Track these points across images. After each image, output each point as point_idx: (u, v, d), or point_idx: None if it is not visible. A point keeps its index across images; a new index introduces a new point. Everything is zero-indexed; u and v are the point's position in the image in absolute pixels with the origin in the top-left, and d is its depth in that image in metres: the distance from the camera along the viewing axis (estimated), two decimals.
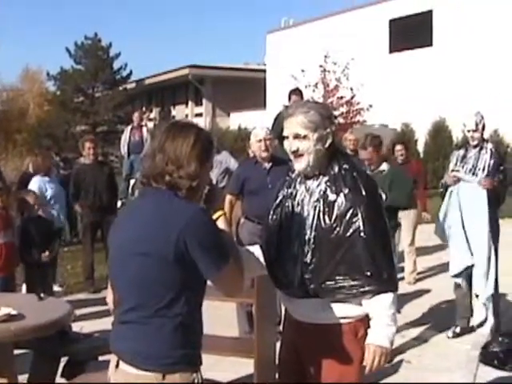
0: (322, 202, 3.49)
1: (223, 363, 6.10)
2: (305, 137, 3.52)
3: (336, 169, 3.53)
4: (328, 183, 3.51)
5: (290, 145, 3.58)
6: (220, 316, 7.44)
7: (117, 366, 3.07)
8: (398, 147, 10.63)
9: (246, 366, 5.66)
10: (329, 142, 3.54)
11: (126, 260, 3.03)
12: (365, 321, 3.54)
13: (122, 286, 3.11)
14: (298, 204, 3.59)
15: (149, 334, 2.97)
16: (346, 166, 3.53)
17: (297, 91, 11.15)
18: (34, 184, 9.27)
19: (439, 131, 23.74)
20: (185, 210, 2.98)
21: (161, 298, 2.96)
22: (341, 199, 3.44)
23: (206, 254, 2.95)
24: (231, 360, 5.95)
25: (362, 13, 27.81)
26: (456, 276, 7.42)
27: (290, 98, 11.01)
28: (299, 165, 3.56)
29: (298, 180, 3.65)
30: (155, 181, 3.06)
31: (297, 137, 3.54)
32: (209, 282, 3.07)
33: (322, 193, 3.51)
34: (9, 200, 7.83)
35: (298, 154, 3.54)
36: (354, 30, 27.02)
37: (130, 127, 17.50)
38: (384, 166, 7.64)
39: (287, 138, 3.60)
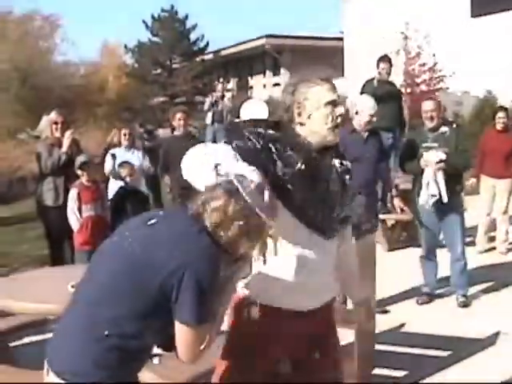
0: None
1: None
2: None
3: None
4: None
5: (339, 111, 3.28)
6: None
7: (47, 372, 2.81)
8: (500, 114, 10.15)
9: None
10: None
11: (118, 253, 2.82)
12: None
13: (98, 272, 2.85)
14: None
15: (81, 348, 2.71)
16: None
17: (385, 58, 10.99)
18: (121, 156, 9.38)
19: None
20: (202, 248, 2.74)
21: (123, 312, 2.71)
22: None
23: (193, 299, 2.68)
24: None
25: None
26: None
27: (378, 66, 10.85)
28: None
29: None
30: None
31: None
32: None
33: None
34: (93, 173, 7.94)
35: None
36: None
37: (213, 97, 17.64)
38: (444, 128, 7.57)
39: (335, 104, 3.29)
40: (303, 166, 3.15)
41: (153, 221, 2.84)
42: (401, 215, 10.26)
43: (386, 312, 7.36)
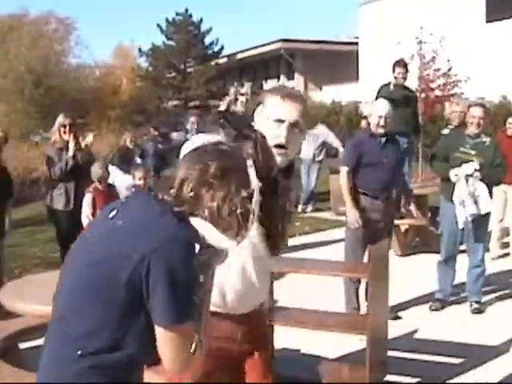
0: None
1: (327, 339, 6.04)
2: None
3: None
4: None
5: (283, 131, 3.06)
6: (324, 291, 7.44)
7: None
8: (511, 119, 10.19)
9: (350, 343, 5.62)
10: None
11: (78, 258, 2.47)
12: None
13: (63, 287, 2.51)
14: None
15: (56, 364, 2.39)
16: None
17: (401, 62, 10.93)
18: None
19: None
20: (166, 229, 2.31)
21: (93, 321, 2.34)
22: None
23: (167, 295, 2.27)
24: (334, 336, 5.85)
25: None
26: None
27: (394, 70, 10.79)
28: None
29: None
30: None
31: (295, 125, 3.11)
32: None
33: None
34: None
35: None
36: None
37: (226, 101, 17.59)
38: (485, 138, 7.53)
39: (281, 121, 3.07)
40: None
41: (113, 213, 2.44)
42: (414, 220, 10.24)
43: (398, 318, 7.30)
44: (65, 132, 8.18)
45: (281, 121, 3.06)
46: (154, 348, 2.36)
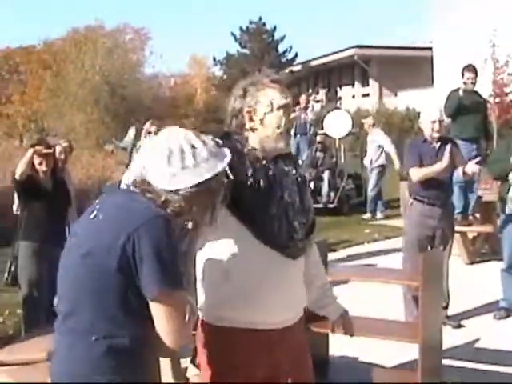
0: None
1: (385, 347, 5.97)
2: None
3: None
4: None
5: (291, 116, 3.22)
6: (386, 299, 7.37)
7: None
8: None
9: (410, 351, 5.53)
10: None
11: (70, 260, 2.64)
12: None
13: (62, 288, 2.68)
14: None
15: (75, 357, 2.55)
16: None
17: (470, 67, 10.75)
18: None
19: None
20: (145, 212, 2.53)
21: (96, 310, 2.52)
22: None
23: (154, 265, 2.45)
24: (393, 344, 5.77)
25: None
26: None
27: (463, 75, 10.64)
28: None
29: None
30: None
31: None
32: None
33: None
34: None
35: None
36: None
37: (296, 109, 17.60)
38: None
39: (287, 108, 3.15)
40: (252, 179, 2.99)
41: (94, 213, 2.64)
42: (482, 227, 10.06)
43: (460, 326, 7.18)
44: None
45: (283, 106, 3.12)
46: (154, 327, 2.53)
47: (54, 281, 2.81)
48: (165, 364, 4.52)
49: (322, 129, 16.71)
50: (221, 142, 2.88)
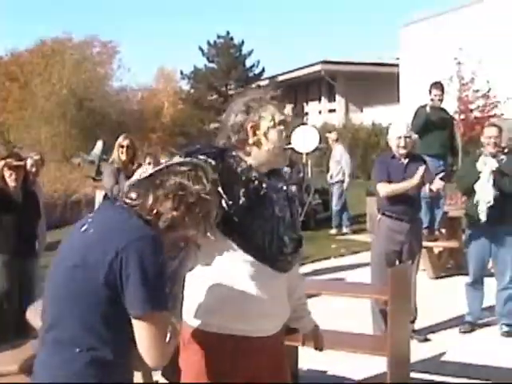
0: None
1: (352, 360, 6.03)
2: None
3: None
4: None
5: (287, 132, 3.29)
6: (353, 313, 7.43)
7: None
8: None
9: (378, 364, 5.59)
10: None
11: (59, 270, 2.68)
12: None
13: (48, 298, 2.73)
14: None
15: (57, 365, 2.59)
16: None
17: (438, 84, 10.86)
18: None
19: None
20: (135, 230, 2.58)
21: (80, 322, 2.56)
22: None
23: (140, 284, 2.50)
24: (361, 357, 5.83)
25: (496, 3, 26.96)
26: None
27: (430, 92, 10.75)
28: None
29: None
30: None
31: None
32: None
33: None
34: None
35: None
36: (488, 20, 26.23)
37: None
38: (502, 156, 7.42)
39: (285, 123, 3.28)
40: (244, 199, 3.05)
41: (85, 226, 2.69)
42: (448, 242, 10.19)
43: (426, 340, 7.26)
44: (122, 152, 8.27)
45: (282, 122, 3.24)
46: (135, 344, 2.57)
47: (24, 293, 2.85)
48: (136, 377, 4.53)
49: (289, 144, 16.75)
50: (213, 162, 2.99)
